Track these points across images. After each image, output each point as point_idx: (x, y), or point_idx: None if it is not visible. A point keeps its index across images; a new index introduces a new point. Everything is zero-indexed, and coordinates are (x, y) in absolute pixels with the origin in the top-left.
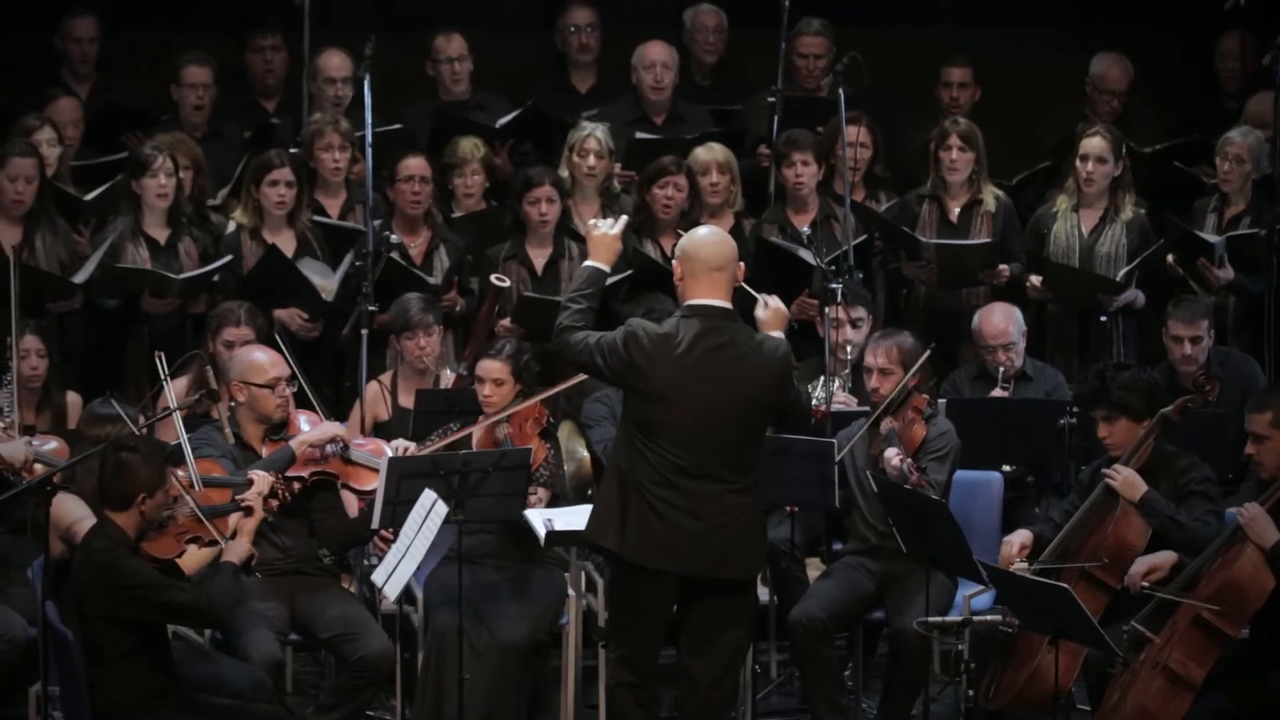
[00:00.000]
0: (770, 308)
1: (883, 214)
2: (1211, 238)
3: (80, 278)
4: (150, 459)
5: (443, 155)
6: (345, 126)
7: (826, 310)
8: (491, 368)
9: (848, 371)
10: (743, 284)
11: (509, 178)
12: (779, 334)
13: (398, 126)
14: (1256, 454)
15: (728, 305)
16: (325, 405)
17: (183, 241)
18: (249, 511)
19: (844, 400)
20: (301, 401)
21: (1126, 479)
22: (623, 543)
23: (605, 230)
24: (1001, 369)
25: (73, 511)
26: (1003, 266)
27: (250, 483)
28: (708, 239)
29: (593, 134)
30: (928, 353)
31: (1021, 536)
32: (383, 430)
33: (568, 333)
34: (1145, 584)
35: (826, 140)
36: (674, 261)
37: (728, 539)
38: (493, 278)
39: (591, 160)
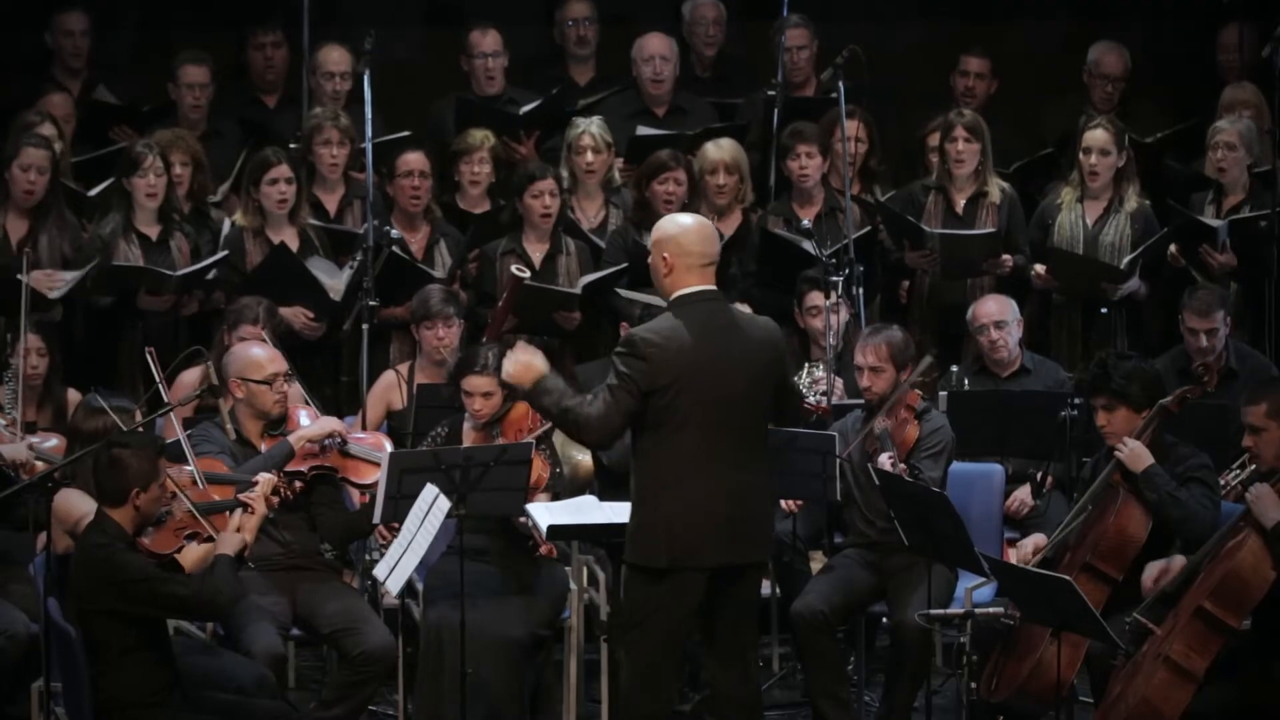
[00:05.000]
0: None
1: (886, 202)
2: (1214, 222)
3: (56, 294)
4: (142, 453)
5: (452, 144)
6: (344, 122)
7: (812, 299)
8: (479, 384)
9: (831, 357)
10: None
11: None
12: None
13: (406, 134)
14: (1254, 445)
15: (716, 288)
16: (324, 402)
17: (174, 238)
18: (249, 509)
19: (837, 389)
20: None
21: (1134, 450)
22: (659, 554)
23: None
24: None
25: (79, 506)
26: (1006, 256)
27: (254, 482)
28: (696, 232)
29: (587, 130)
30: (929, 359)
31: (1036, 539)
32: (395, 418)
33: (574, 410)
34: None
35: (822, 134)
36: (660, 254)
37: (752, 521)
38: (513, 268)
39: (589, 156)
